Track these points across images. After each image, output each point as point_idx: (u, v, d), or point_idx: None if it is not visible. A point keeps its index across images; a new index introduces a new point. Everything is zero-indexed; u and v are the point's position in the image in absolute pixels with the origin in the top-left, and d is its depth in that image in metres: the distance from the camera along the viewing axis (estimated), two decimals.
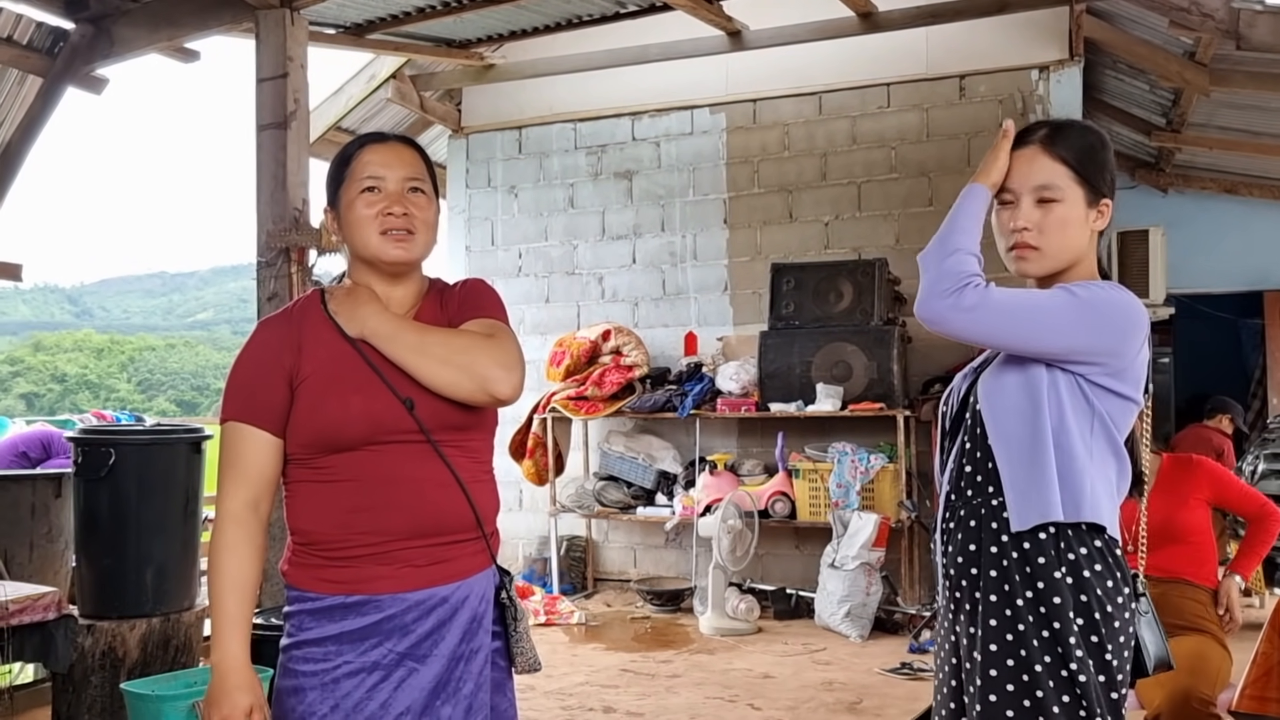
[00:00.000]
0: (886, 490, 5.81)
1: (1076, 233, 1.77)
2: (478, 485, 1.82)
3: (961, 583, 1.80)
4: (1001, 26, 6.13)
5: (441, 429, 1.78)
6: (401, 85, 7.05)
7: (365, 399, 1.74)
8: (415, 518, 1.75)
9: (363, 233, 1.81)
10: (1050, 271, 1.81)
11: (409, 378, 1.76)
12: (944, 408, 1.94)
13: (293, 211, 4.52)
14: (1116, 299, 1.74)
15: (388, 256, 1.81)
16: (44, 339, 51.13)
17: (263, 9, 4.55)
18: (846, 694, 4.51)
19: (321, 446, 1.75)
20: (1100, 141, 1.80)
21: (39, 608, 3.50)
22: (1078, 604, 1.69)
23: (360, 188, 1.81)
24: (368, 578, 1.74)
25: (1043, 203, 1.76)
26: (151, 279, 75.85)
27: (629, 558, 6.99)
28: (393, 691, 1.73)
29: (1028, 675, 1.70)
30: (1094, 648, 1.69)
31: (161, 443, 4.10)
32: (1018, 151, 1.79)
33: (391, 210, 1.80)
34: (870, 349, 5.90)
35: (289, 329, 1.82)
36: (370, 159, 1.83)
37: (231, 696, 1.71)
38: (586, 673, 4.93)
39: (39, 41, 5.25)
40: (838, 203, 6.62)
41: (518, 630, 1.88)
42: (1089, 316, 1.71)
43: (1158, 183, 8.24)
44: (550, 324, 7.23)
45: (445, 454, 1.78)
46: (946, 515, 1.86)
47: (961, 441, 1.85)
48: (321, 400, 1.74)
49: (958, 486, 1.84)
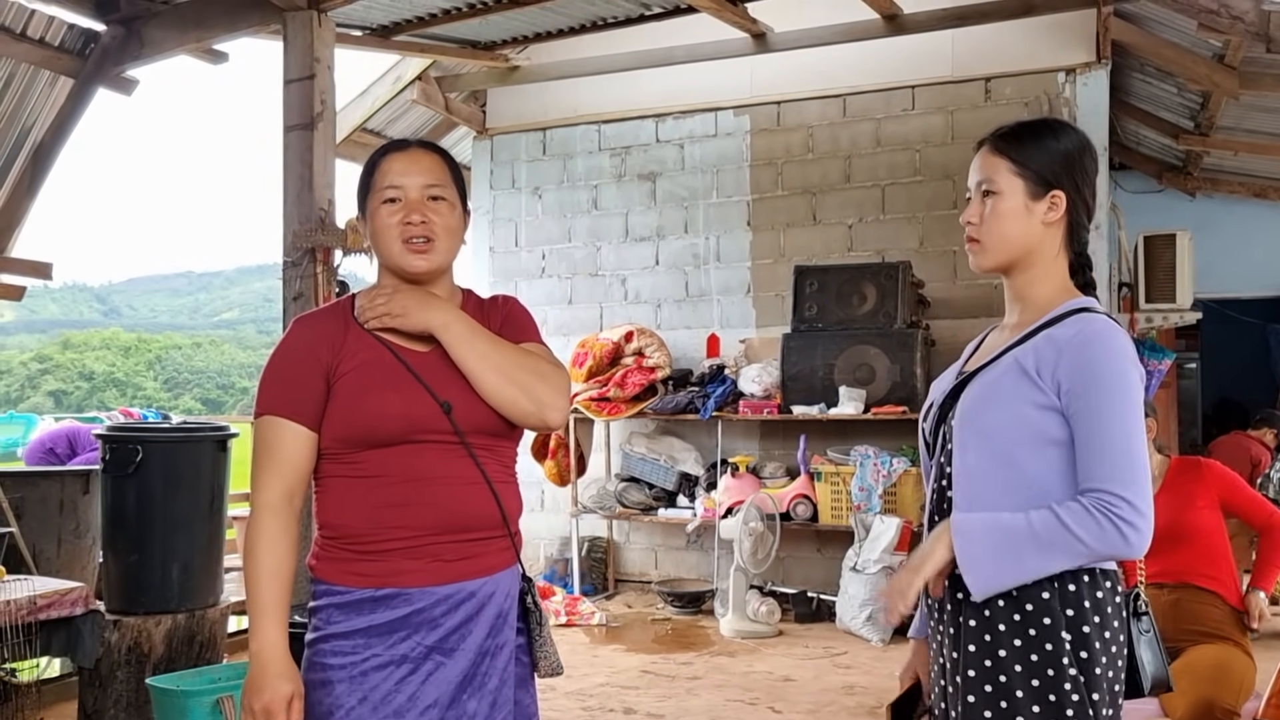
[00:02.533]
0: (909, 494, 5.78)
1: (1016, 224, 1.76)
2: (504, 486, 1.86)
3: (946, 605, 1.75)
4: (1027, 29, 6.10)
5: (475, 433, 1.81)
6: (427, 87, 7.08)
7: (404, 399, 1.77)
8: (445, 514, 1.78)
9: (385, 243, 1.83)
10: (997, 263, 1.79)
11: (448, 382, 1.79)
12: (923, 423, 1.89)
13: (318, 212, 4.55)
14: (1118, 363, 1.66)
15: (409, 266, 1.83)
16: (73, 337, 51.71)
17: (290, 11, 4.59)
18: (868, 698, 4.49)
19: (358, 441, 1.77)
20: (1053, 133, 1.78)
21: (67, 603, 3.54)
22: (1067, 621, 1.64)
23: (382, 198, 1.83)
24: (398, 571, 1.76)
25: (986, 196, 1.78)
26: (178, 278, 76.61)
27: (650, 559, 6.99)
28: (421, 684, 1.75)
29: (1005, 677, 1.65)
30: (1083, 663, 1.64)
31: (188, 440, 4.14)
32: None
33: (410, 220, 1.82)
34: (893, 352, 5.88)
35: (332, 326, 1.85)
36: (391, 168, 1.84)
37: (273, 685, 1.72)
38: (607, 674, 4.93)
39: (70, 43, 5.32)
40: (861, 205, 6.60)
41: (541, 635, 1.90)
42: (1133, 399, 1.65)
43: (1185, 186, 8.17)
44: (573, 325, 7.25)
45: (477, 456, 1.81)
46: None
47: (939, 461, 1.81)
48: (361, 396, 1.77)
49: (940, 507, 1.79)
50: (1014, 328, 1.79)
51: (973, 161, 1.82)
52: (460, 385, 1.81)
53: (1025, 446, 1.67)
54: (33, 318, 63.36)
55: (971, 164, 1.83)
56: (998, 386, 1.71)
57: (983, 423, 1.71)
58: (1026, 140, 1.78)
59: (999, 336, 1.83)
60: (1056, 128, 1.80)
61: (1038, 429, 1.67)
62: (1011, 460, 1.68)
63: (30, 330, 61.21)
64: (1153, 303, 6.59)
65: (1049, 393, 1.66)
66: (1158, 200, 8.09)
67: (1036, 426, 1.67)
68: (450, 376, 1.81)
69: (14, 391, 45.49)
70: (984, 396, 1.72)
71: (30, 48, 5.18)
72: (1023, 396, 1.67)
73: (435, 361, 1.83)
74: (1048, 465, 1.67)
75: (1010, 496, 1.67)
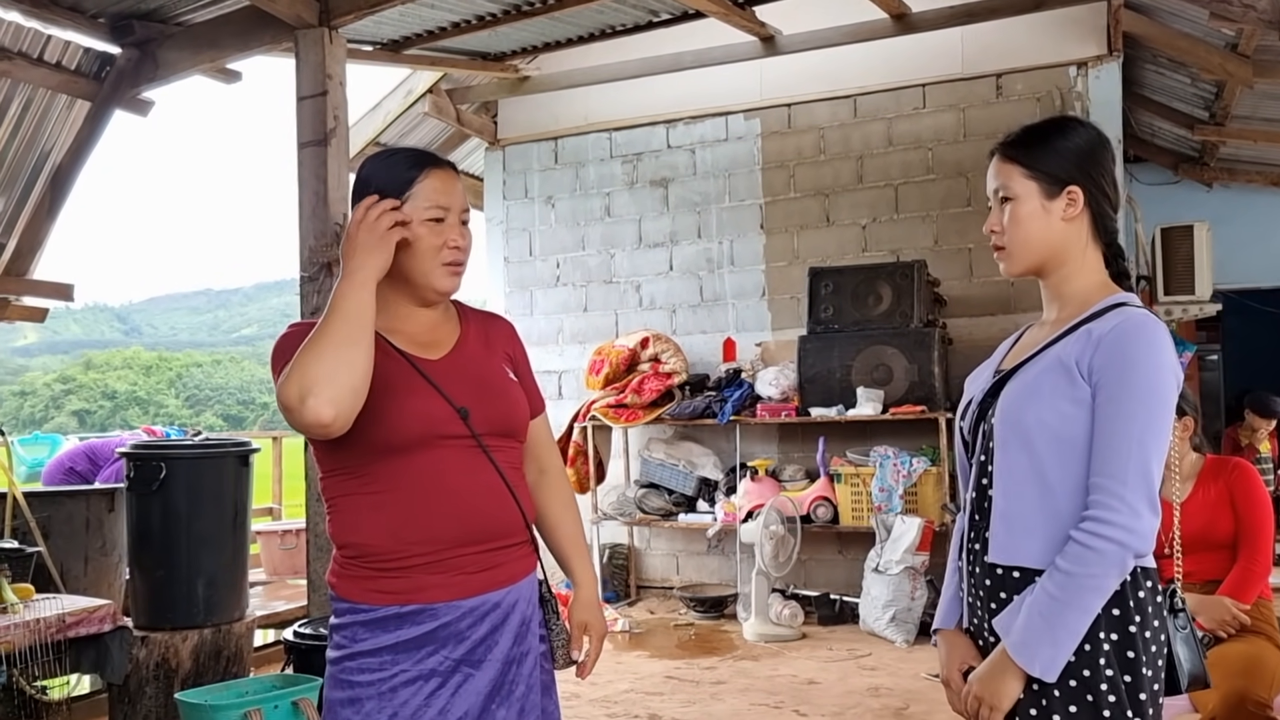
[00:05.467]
0: (929, 494, 5.76)
1: (1037, 226, 1.77)
2: (522, 488, 1.87)
3: (990, 605, 1.75)
4: (1038, 23, 6.08)
5: (491, 435, 1.82)
6: (438, 99, 7.12)
7: (420, 402, 1.77)
8: (466, 525, 1.78)
9: (425, 261, 1.82)
10: (1026, 267, 1.80)
11: (463, 387, 1.80)
12: (960, 421, 1.89)
13: (334, 227, 4.58)
14: (1160, 377, 1.65)
15: (445, 287, 1.84)
16: (94, 357, 52.14)
17: (302, 29, 4.63)
18: (893, 699, 4.48)
19: (374, 449, 1.76)
20: (1060, 131, 1.79)
21: (95, 620, 3.57)
22: (1112, 621, 1.64)
23: (428, 215, 1.81)
24: (421, 587, 1.75)
25: (1004, 203, 1.80)
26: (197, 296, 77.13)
27: (671, 565, 6.99)
28: (450, 698, 1.75)
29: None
30: (1129, 663, 1.63)
31: (210, 457, 4.18)
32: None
33: (458, 243, 1.83)
34: (910, 351, 5.86)
35: None
36: (437, 186, 1.83)
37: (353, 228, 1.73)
38: (631, 680, 4.93)
39: (86, 67, 5.38)
40: (875, 205, 6.59)
41: (557, 623, 1.92)
42: (1159, 395, 1.65)
43: (1202, 177, 8.10)
44: (589, 333, 7.26)
45: (494, 457, 1.81)
46: (972, 536, 1.81)
47: (980, 460, 1.80)
48: (377, 402, 1.75)
49: (981, 506, 1.79)
50: (1053, 324, 1.79)
51: (988, 170, 1.84)
52: (475, 391, 1.82)
53: (1065, 444, 1.67)
54: (55, 339, 63.94)
55: (987, 173, 1.85)
56: (1039, 383, 1.71)
57: (1024, 420, 1.71)
58: (1033, 143, 1.79)
59: (1038, 333, 1.83)
60: (1063, 125, 1.81)
61: (1081, 426, 1.67)
62: (1051, 458, 1.68)
63: (53, 351, 61.76)
64: (1171, 295, 6.55)
65: (1085, 385, 1.67)
66: (1174, 192, 8.02)
67: (1078, 423, 1.67)
68: (464, 382, 1.82)
69: (38, 412, 45.90)
70: (1025, 393, 1.72)
71: (48, 72, 5.25)
72: (1062, 392, 1.68)
73: (449, 367, 1.83)
74: (1087, 466, 1.66)
75: (1050, 496, 1.68)
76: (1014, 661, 1.65)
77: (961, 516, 1.86)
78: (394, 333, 1.84)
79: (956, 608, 1.87)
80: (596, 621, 2.00)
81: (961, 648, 1.82)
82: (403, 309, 1.86)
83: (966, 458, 1.86)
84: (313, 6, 4.59)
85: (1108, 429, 1.64)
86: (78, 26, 5.02)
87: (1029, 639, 1.64)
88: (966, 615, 1.84)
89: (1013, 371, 1.77)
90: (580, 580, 2.03)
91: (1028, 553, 1.69)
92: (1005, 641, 1.67)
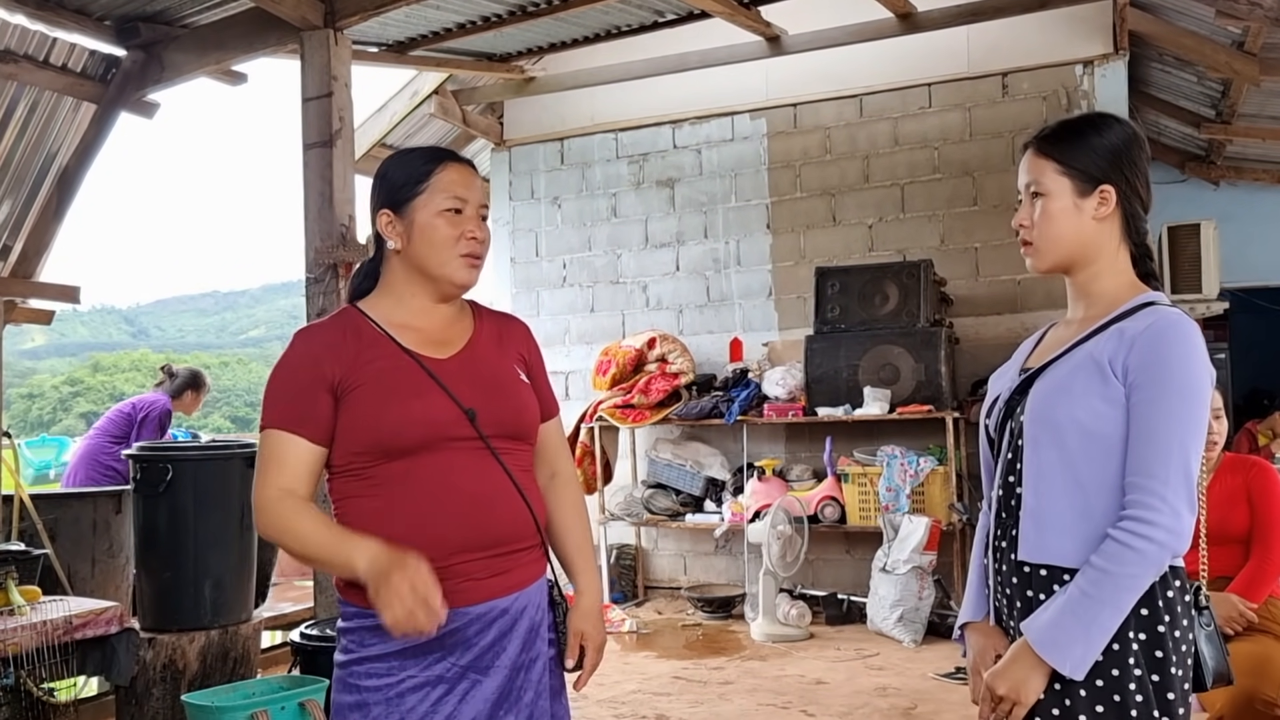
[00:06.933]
0: (937, 493, 5.75)
1: (1067, 223, 1.75)
2: (531, 490, 1.85)
3: (1018, 602, 1.74)
4: (1043, 22, 6.06)
5: (499, 436, 1.80)
6: (444, 100, 7.12)
7: (426, 403, 1.75)
8: (474, 528, 1.76)
9: (442, 252, 1.81)
10: (1053, 263, 1.78)
11: (471, 388, 1.79)
12: (985, 419, 1.87)
13: (340, 228, 4.59)
14: (1196, 375, 1.64)
15: (463, 279, 1.83)
16: (102, 359, 52.25)
17: (307, 30, 4.63)
18: (901, 699, 4.46)
19: (379, 450, 1.74)
20: (1095, 129, 1.77)
21: (102, 621, 3.57)
22: (1141, 621, 1.63)
23: (444, 206, 1.81)
24: None
25: (1035, 198, 1.78)
26: (205, 298, 77.25)
27: (679, 565, 6.98)
28: (457, 704, 1.74)
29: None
30: (1159, 663, 1.62)
31: (217, 458, 4.18)
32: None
33: (475, 235, 1.82)
34: (917, 351, 5.85)
35: (337, 336, 1.81)
36: (454, 178, 1.83)
37: (398, 557, 1.64)
38: (638, 681, 4.93)
39: (92, 69, 5.39)
40: (881, 205, 6.58)
41: (566, 625, 1.90)
42: (1194, 394, 1.64)
43: (1209, 175, 8.08)
44: (595, 333, 7.26)
45: (502, 459, 1.79)
46: (999, 534, 1.80)
47: (1007, 458, 1.79)
48: (382, 403, 1.74)
49: (1007, 505, 1.78)
50: (1080, 322, 1.77)
51: (1020, 164, 1.82)
52: (483, 392, 1.80)
53: (1097, 442, 1.66)
54: (62, 341, 64.12)
55: (1020, 166, 1.82)
56: (1070, 380, 1.70)
57: (1055, 417, 1.69)
58: (1069, 139, 1.77)
59: (1063, 331, 1.82)
60: (1099, 122, 1.79)
61: (1114, 424, 1.65)
62: (1083, 456, 1.67)
63: (60, 354, 61.90)
64: (1178, 294, 6.53)
65: (1118, 384, 1.65)
66: (1181, 190, 8.00)
67: (1111, 421, 1.65)
68: (473, 383, 1.80)
69: (46, 415, 45.99)
70: (1056, 390, 1.71)
71: (53, 75, 5.25)
72: (1094, 390, 1.67)
73: (458, 367, 1.82)
74: (1119, 464, 1.65)
75: (1081, 494, 1.66)
76: (1041, 658, 1.63)
77: (986, 514, 1.85)
78: (405, 330, 1.83)
79: (983, 602, 1.85)
80: (595, 632, 1.95)
81: (995, 636, 1.81)
82: (418, 305, 1.85)
83: (992, 455, 1.85)
84: (318, 8, 4.60)
85: (1146, 428, 1.62)
86: (83, 29, 5.04)
87: (1060, 636, 1.62)
88: (993, 614, 1.83)
89: (1040, 370, 1.76)
90: (583, 589, 1.98)
91: (1057, 550, 1.68)
92: (1031, 638, 1.65)
